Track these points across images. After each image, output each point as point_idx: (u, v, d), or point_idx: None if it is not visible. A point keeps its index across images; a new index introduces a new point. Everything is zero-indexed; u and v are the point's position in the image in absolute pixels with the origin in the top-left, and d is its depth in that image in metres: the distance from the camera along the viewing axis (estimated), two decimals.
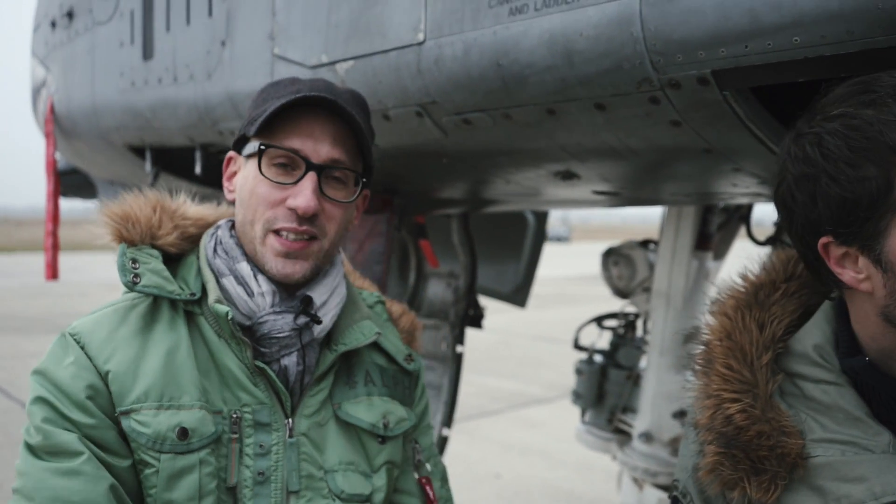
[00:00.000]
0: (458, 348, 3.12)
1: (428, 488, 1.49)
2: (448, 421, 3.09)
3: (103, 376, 1.23)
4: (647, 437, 2.78)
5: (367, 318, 1.49)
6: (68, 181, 4.51)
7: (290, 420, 1.33)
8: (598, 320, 3.04)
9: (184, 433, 1.22)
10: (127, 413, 1.21)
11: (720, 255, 2.82)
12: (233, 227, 1.41)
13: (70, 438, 1.19)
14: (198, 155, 2.52)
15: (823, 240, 1.01)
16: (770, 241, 2.44)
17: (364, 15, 1.76)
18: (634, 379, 2.89)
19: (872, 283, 0.98)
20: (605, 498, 5.95)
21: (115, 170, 3.32)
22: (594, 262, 4.51)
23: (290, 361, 1.35)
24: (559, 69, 1.42)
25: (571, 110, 1.49)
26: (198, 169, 2.53)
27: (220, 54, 2.21)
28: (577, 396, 3.01)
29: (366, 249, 2.48)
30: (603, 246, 3.34)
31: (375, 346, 1.49)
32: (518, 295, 3.76)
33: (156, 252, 1.34)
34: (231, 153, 1.42)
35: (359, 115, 1.34)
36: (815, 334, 1.09)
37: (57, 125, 3.29)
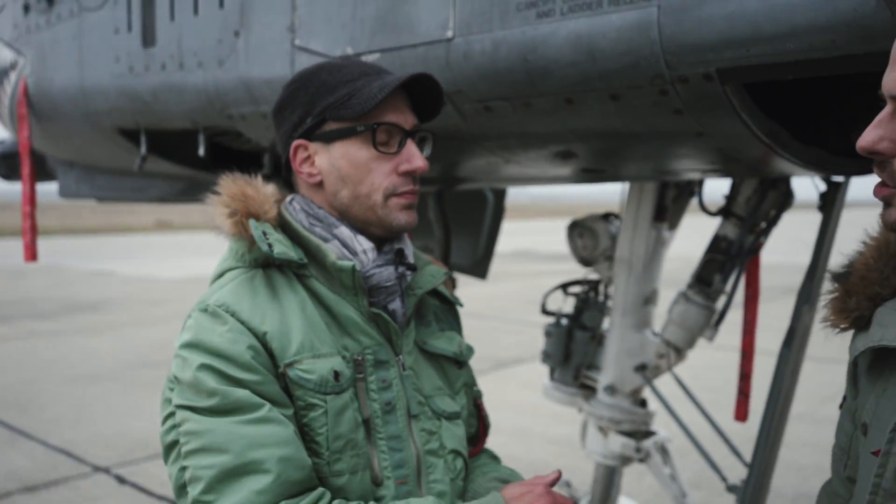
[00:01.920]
0: None
1: (482, 408, 1.74)
2: None
3: (261, 337, 1.37)
4: (612, 389, 3.10)
5: (428, 262, 1.69)
6: (11, 164, 4.48)
7: (401, 357, 1.53)
8: (564, 287, 3.34)
9: (336, 376, 1.41)
10: (292, 364, 1.37)
11: (674, 225, 3.15)
12: (302, 201, 1.57)
13: (247, 394, 1.32)
14: (201, 138, 2.66)
15: None
16: (721, 212, 2.79)
17: (391, 12, 1.96)
18: (598, 339, 3.21)
19: None
20: (542, 459, 6.30)
21: (94, 152, 3.38)
22: (512, 241, 4.79)
23: (396, 305, 1.55)
24: (582, 64, 1.67)
25: (588, 100, 1.75)
26: (201, 151, 2.67)
27: (234, 44, 2.36)
28: (546, 356, 3.29)
29: None
30: (516, 225, 3.62)
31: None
32: (478, 268, 4.02)
33: (270, 226, 1.49)
34: (300, 141, 1.55)
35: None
36: None
37: (31, 108, 3.33)
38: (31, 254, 3.40)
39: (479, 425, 1.73)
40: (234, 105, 2.42)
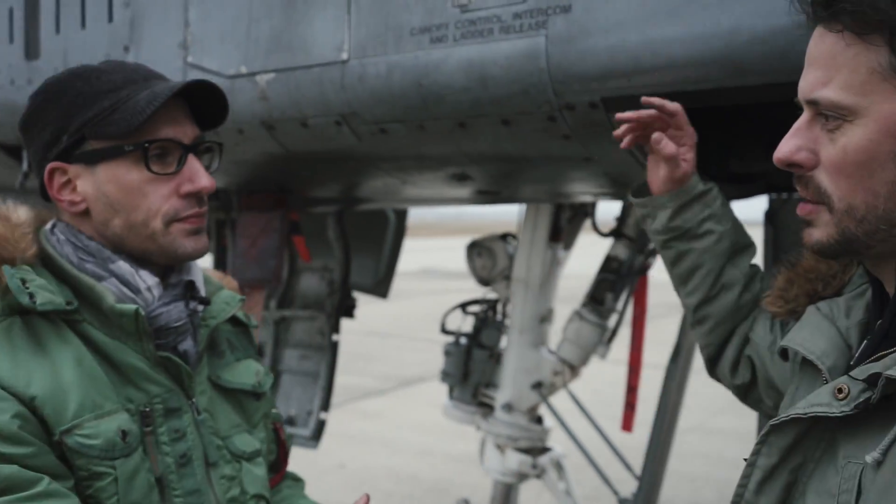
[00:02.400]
0: (334, 337, 3.34)
1: (280, 432, 1.55)
2: (326, 405, 3.30)
3: (28, 402, 1.15)
4: (509, 407, 3.14)
5: (220, 287, 1.50)
6: None
7: (194, 400, 1.35)
8: (463, 306, 3.37)
9: (124, 435, 1.22)
10: (70, 431, 1.17)
11: (569, 245, 3.24)
12: (67, 230, 1.33)
13: (17, 470, 1.11)
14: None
15: None
16: (612, 233, 2.89)
17: (286, 32, 1.96)
18: (496, 357, 3.25)
19: None
20: (445, 478, 6.31)
21: None
22: (418, 258, 4.84)
23: (188, 345, 1.37)
24: (474, 90, 1.71)
25: (480, 124, 1.79)
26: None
27: (124, 58, 2.29)
28: (445, 375, 3.31)
29: (259, 245, 2.64)
30: (422, 243, 3.67)
31: None
32: (380, 287, 4.02)
33: (29, 268, 1.25)
34: (56, 164, 1.29)
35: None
36: None
37: None
38: None
39: (278, 451, 1.57)
40: None
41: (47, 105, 1.30)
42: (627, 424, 3.08)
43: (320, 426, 3.27)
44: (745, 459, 1.12)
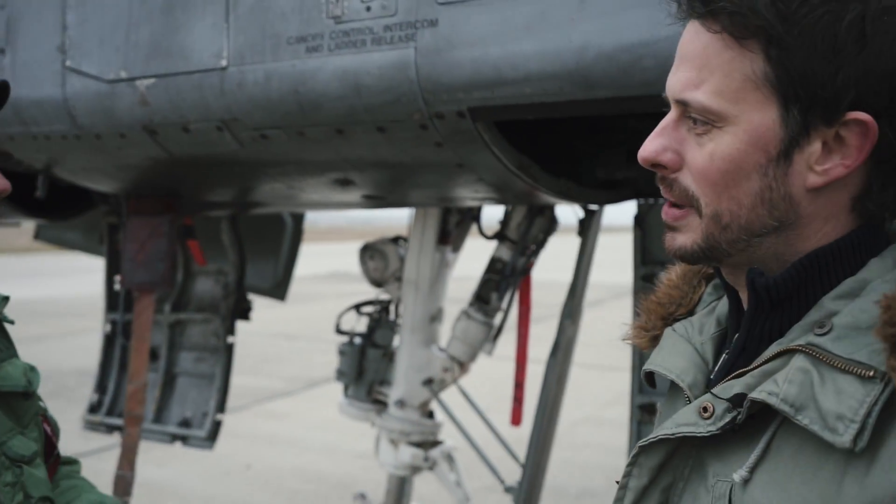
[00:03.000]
0: (230, 339, 3.29)
1: (45, 424, 1.49)
2: (222, 407, 3.24)
3: None
4: (401, 403, 3.17)
5: None
6: None
7: None
8: (357, 307, 3.38)
9: None
10: None
11: (457, 248, 3.29)
12: None
13: None
14: None
15: None
16: (496, 236, 2.96)
17: (166, 38, 1.92)
18: (389, 356, 3.27)
19: None
20: (350, 474, 6.29)
21: None
22: (327, 262, 4.84)
23: None
24: (349, 98, 1.73)
25: (357, 131, 1.81)
26: None
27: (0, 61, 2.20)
28: (340, 374, 3.32)
29: (148, 249, 2.58)
30: (332, 247, 3.67)
31: None
32: (278, 290, 3.98)
33: None
34: None
35: None
36: None
37: None
38: None
39: (44, 438, 1.48)
40: (1, 125, 2.25)
41: None
42: (516, 418, 3.15)
43: (216, 427, 3.21)
44: (617, 482, 1.06)
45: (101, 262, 3.48)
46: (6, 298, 1.44)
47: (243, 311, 3.35)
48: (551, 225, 2.87)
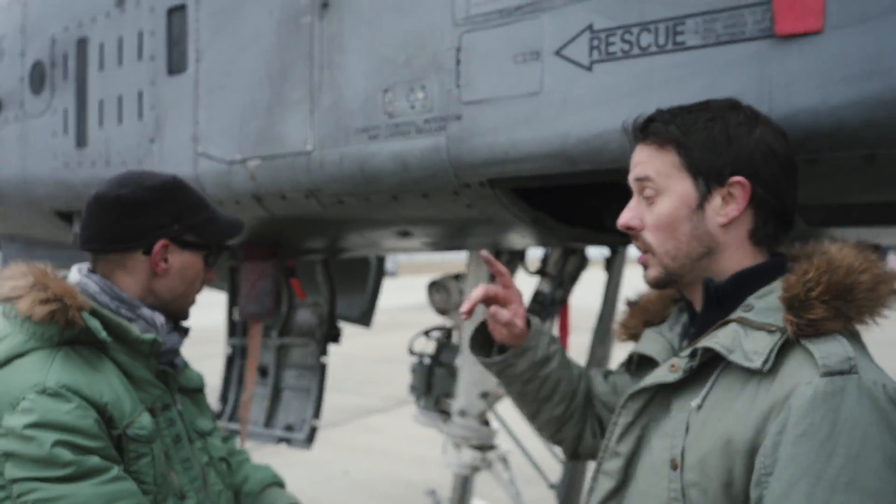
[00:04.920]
0: (323, 359, 3.69)
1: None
2: (317, 414, 3.64)
3: (102, 408, 1.43)
4: (463, 413, 3.48)
5: None
6: None
7: (176, 398, 1.71)
8: (426, 332, 3.73)
9: (152, 426, 1.55)
10: (129, 425, 1.47)
11: None
12: (102, 282, 1.62)
13: (98, 460, 1.38)
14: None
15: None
16: (538, 272, 3.26)
17: (268, 130, 2.35)
18: (453, 373, 3.59)
19: None
20: (435, 481, 6.56)
21: (34, 229, 3.61)
22: (420, 293, 5.22)
23: (180, 361, 1.77)
24: (399, 174, 2.09)
25: (408, 197, 2.17)
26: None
27: (150, 148, 2.70)
28: (412, 388, 3.65)
29: (258, 287, 3.02)
30: (425, 278, 4.04)
31: None
32: (364, 318, 4.38)
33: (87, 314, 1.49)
34: (166, 241, 1.64)
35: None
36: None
37: None
38: None
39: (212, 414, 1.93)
40: None
41: (167, 200, 1.64)
42: None
43: (313, 431, 3.60)
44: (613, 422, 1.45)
45: (223, 296, 3.95)
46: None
47: (334, 336, 3.74)
48: (583, 262, 3.15)
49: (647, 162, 1.37)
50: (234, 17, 2.42)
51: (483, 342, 1.65)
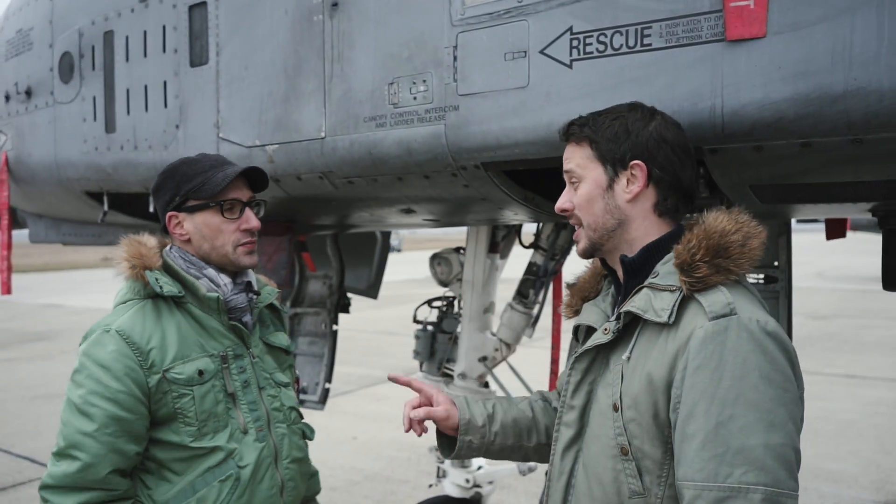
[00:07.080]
0: (334, 327, 3.97)
1: (296, 383, 2.29)
2: (329, 378, 3.93)
3: (146, 352, 1.78)
4: (463, 376, 3.74)
5: (265, 285, 2.17)
6: None
7: (251, 350, 1.98)
8: (429, 302, 3.99)
9: (200, 373, 1.83)
10: (168, 370, 1.79)
11: (504, 255, 3.85)
12: (178, 250, 1.98)
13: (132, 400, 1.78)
14: (151, 199, 3.21)
15: None
16: (531, 245, 3.51)
17: (285, 118, 2.59)
18: (454, 339, 3.86)
19: None
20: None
21: (63, 208, 3.87)
22: (423, 268, 5.47)
23: (248, 318, 2.01)
24: (404, 157, 2.34)
25: (411, 178, 2.41)
26: (152, 208, 3.21)
27: (175, 133, 2.94)
28: (416, 353, 3.92)
29: (274, 260, 3.28)
30: (427, 253, 4.30)
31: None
32: (371, 290, 4.64)
33: (159, 272, 1.89)
34: (172, 213, 1.95)
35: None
36: None
37: (10, 174, 3.80)
38: (6, 288, 3.84)
39: (296, 387, 2.24)
40: None
41: (167, 180, 1.98)
42: (553, 386, 3.69)
43: (325, 393, 3.89)
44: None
45: None
46: (279, 292, 2.18)
47: (344, 307, 4.02)
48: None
49: (570, 157, 1.67)
50: (251, 15, 2.65)
51: (448, 443, 1.82)
